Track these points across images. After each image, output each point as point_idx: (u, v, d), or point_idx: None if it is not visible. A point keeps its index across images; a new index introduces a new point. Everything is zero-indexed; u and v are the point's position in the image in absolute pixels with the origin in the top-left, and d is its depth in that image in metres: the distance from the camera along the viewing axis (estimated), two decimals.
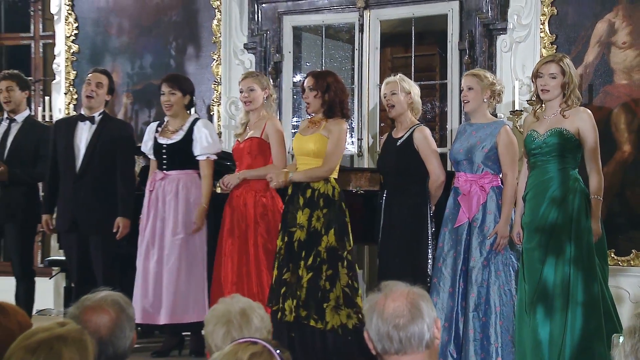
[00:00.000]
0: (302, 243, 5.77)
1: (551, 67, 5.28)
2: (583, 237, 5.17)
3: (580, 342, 5.06)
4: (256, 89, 6.27)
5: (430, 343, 2.66)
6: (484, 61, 6.97)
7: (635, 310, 6.04)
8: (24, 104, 6.91)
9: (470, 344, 5.40)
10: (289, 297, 5.74)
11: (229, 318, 3.10)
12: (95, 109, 6.48)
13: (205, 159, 6.34)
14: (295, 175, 5.88)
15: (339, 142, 5.90)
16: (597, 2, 6.74)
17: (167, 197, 6.30)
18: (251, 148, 6.22)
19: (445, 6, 7.23)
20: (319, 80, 5.93)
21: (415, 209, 5.78)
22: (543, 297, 5.16)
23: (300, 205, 5.83)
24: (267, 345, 2.54)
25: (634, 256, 6.56)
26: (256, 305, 3.21)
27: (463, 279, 5.51)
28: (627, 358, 2.39)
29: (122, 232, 6.30)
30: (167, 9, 8.31)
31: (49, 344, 2.51)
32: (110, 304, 3.11)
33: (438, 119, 8.11)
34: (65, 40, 8.66)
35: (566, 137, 5.20)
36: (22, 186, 6.67)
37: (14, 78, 6.86)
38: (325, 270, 5.71)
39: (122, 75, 8.46)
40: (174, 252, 6.22)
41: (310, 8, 7.73)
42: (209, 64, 8.08)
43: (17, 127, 6.78)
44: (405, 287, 2.72)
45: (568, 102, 5.26)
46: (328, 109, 5.91)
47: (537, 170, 5.29)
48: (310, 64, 7.94)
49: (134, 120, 8.35)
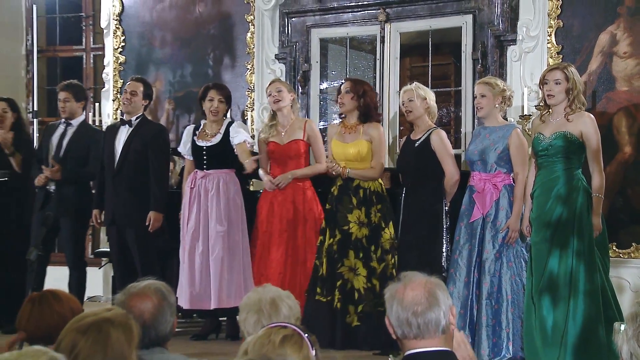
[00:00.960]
0: (368, 238, 5.91)
1: (556, 74, 5.28)
2: (585, 231, 5.17)
3: (582, 327, 5.07)
4: (284, 90, 6.35)
5: (446, 329, 2.66)
6: (496, 70, 6.94)
7: (636, 298, 5.99)
8: (80, 111, 6.93)
9: (483, 329, 5.39)
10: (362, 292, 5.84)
11: (259, 307, 3.11)
12: (132, 114, 6.52)
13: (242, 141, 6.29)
14: (352, 172, 6.01)
15: (382, 145, 6.10)
16: (600, 15, 6.70)
17: (209, 193, 6.32)
18: (297, 150, 6.27)
19: (460, 19, 7.21)
20: (356, 86, 6.10)
21: (431, 205, 5.78)
22: (549, 286, 5.16)
23: (355, 204, 5.95)
24: (296, 329, 2.56)
25: (634, 249, 6.53)
26: (285, 294, 3.21)
27: (477, 269, 5.50)
28: (629, 342, 2.39)
29: (154, 225, 6.31)
30: (206, 23, 8.34)
31: (98, 326, 2.53)
32: (153, 291, 3.13)
33: (453, 123, 8.08)
34: (114, 52, 8.70)
35: (570, 139, 5.19)
36: (74, 184, 6.70)
37: (71, 90, 6.87)
38: (390, 260, 5.86)
39: (164, 84, 8.50)
40: (218, 242, 6.24)
41: (336, 21, 7.73)
42: (243, 73, 8.09)
43: (72, 131, 6.80)
44: (423, 277, 2.73)
45: (572, 107, 5.25)
46: (363, 113, 6.05)
47: (544, 170, 5.29)
48: (335, 72, 7.94)
49: (175, 124, 8.39)
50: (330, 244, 5.95)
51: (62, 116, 6.86)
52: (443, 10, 7.29)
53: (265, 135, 6.42)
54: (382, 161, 6.07)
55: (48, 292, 3.14)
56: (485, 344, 5.38)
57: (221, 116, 6.44)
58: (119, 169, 6.41)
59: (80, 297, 6.54)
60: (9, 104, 7.01)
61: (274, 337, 2.49)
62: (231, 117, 6.93)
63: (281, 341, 2.48)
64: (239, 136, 6.31)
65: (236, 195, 6.33)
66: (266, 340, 2.50)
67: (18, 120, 7.03)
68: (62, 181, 6.62)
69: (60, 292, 3.13)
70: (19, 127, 7.01)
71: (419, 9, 7.38)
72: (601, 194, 5.22)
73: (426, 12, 7.35)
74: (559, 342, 5.07)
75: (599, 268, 5.16)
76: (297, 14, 7.83)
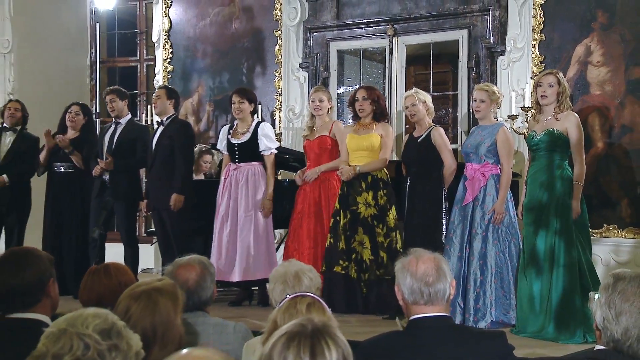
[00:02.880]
0: (375, 217, 5.90)
1: (549, 78, 5.28)
2: (565, 214, 5.16)
3: (561, 296, 5.06)
4: (325, 100, 6.34)
5: (449, 298, 2.70)
6: (487, 77, 6.91)
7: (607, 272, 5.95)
8: (126, 110, 6.86)
9: (470, 296, 5.37)
10: (369, 262, 5.85)
11: (285, 279, 3.11)
12: (163, 115, 6.54)
13: (269, 153, 6.34)
14: (362, 168, 5.98)
15: (390, 141, 6.10)
16: (577, 29, 6.66)
17: (239, 183, 6.31)
18: (320, 144, 6.26)
19: (457, 33, 7.17)
20: (371, 92, 6.13)
21: (432, 192, 5.76)
22: (535, 261, 5.16)
23: (363, 188, 5.95)
24: (314, 296, 2.57)
25: (605, 229, 6.51)
26: (307, 268, 3.20)
27: (468, 245, 5.47)
28: (602, 308, 2.38)
29: (175, 205, 6.27)
30: (241, 38, 8.33)
31: (148, 294, 2.52)
32: (196, 263, 3.17)
33: (451, 122, 8.04)
34: (163, 62, 8.71)
35: (556, 135, 5.18)
36: (124, 173, 6.67)
37: (114, 92, 6.86)
38: (394, 236, 5.86)
39: (205, 89, 8.49)
40: (246, 225, 6.23)
41: (351, 36, 7.70)
42: (272, 80, 8.07)
43: (121, 128, 6.78)
44: (431, 253, 2.77)
45: (560, 108, 5.26)
46: (378, 114, 6.09)
47: (535, 162, 5.30)
48: (350, 79, 7.91)
49: (215, 123, 8.39)
50: (345, 223, 5.94)
51: (112, 115, 6.85)
52: (442, 26, 7.26)
53: (304, 134, 6.48)
54: (388, 153, 6.07)
55: (102, 267, 3.14)
56: (472, 309, 5.35)
57: (245, 115, 6.40)
58: (153, 162, 6.44)
59: (135, 270, 6.56)
60: (81, 108, 6.98)
61: (300, 306, 2.50)
62: (260, 117, 6.89)
63: (307, 308, 2.50)
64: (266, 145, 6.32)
65: (262, 184, 6.31)
66: (293, 309, 2.50)
67: (88, 123, 7.01)
68: (114, 171, 6.62)
69: (112, 267, 3.12)
70: (87, 129, 6.98)
71: (422, 25, 7.35)
72: (581, 181, 5.19)
73: (428, 27, 7.33)
74: (544, 309, 5.07)
75: (576, 245, 5.13)
76: (318, 30, 7.81)
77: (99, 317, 1.82)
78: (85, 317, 1.80)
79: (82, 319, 1.79)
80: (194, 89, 8.57)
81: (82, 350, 1.74)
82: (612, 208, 6.49)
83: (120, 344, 1.77)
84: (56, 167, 6.84)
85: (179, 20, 8.66)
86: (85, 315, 1.81)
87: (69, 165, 6.80)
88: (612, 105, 6.50)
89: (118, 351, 1.76)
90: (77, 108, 6.93)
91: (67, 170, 6.81)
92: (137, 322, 2.42)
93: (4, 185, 6.99)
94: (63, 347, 1.75)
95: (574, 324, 4.98)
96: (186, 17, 8.63)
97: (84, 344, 1.75)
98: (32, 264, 2.73)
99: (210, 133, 8.38)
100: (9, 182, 7.00)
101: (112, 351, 1.76)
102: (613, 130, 6.49)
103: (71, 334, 1.76)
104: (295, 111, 7.80)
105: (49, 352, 1.75)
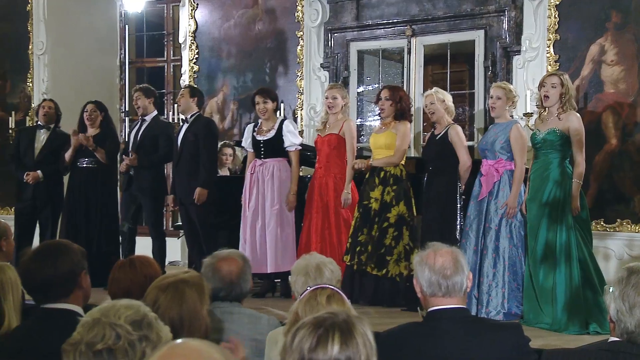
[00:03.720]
0: (376, 212, 5.85)
1: (553, 79, 5.24)
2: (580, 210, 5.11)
3: (573, 288, 5.02)
4: (338, 97, 6.27)
5: (466, 290, 2.69)
6: (503, 76, 6.87)
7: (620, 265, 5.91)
8: (151, 107, 6.85)
9: (484, 288, 5.35)
10: (363, 252, 5.81)
11: (307, 271, 3.11)
12: (186, 112, 6.51)
13: (293, 150, 6.34)
14: (375, 161, 5.97)
15: (405, 137, 5.97)
16: (591, 29, 6.60)
17: (265, 178, 6.30)
18: (330, 142, 6.22)
19: (474, 34, 7.13)
20: (394, 93, 6.01)
21: (448, 187, 5.73)
22: (546, 255, 5.12)
23: (376, 184, 5.91)
24: (334, 288, 2.57)
25: (618, 224, 6.45)
26: (328, 261, 3.21)
27: (483, 239, 5.45)
28: (616, 301, 2.38)
29: (199, 199, 6.26)
30: (264, 38, 8.33)
31: (176, 285, 2.54)
32: (237, 256, 3.19)
33: (467, 120, 8.00)
34: (189, 62, 8.73)
35: (559, 135, 5.16)
36: (148, 169, 6.68)
37: (140, 90, 6.88)
38: (392, 232, 5.77)
39: (230, 88, 8.51)
40: (272, 218, 6.23)
41: (371, 36, 7.68)
42: (294, 79, 8.07)
43: (145, 125, 6.79)
44: (448, 247, 2.76)
45: (564, 108, 5.21)
46: (399, 114, 5.98)
47: (539, 160, 5.27)
48: (370, 78, 7.90)
49: (239, 121, 8.41)
50: (357, 217, 5.96)
51: (139, 113, 6.87)
52: (459, 26, 7.23)
53: (317, 128, 6.48)
54: (402, 150, 5.93)
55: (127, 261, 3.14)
56: (484, 301, 5.33)
57: (270, 114, 6.38)
58: (179, 159, 6.43)
59: (162, 262, 6.58)
60: (97, 105, 6.94)
61: (320, 298, 2.50)
62: (283, 115, 6.89)
63: (327, 299, 2.49)
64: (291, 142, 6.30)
65: (287, 179, 6.31)
66: (314, 301, 2.50)
67: (105, 119, 6.99)
68: (138, 167, 6.64)
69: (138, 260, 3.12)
70: (106, 124, 6.97)
71: (440, 26, 7.32)
72: (580, 180, 5.14)
73: (446, 28, 7.29)
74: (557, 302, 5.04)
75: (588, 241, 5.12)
76: (338, 30, 7.80)
77: (132, 308, 1.84)
78: (118, 308, 1.83)
79: (115, 309, 1.82)
80: (218, 88, 8.59)
81: (113, 339, 1.77)
82: (625, 203, 6.43)
83: (150, 335, 1.79)
84: (79, 163, 6.83)
85: (204, 22, 8.68)
86: (118, 307, 1.84)
87: (91, 160, 6.79)
88: (625, 103, 6.44)
89: (148, 341, 1.78)
90: (93, 106, 6.90)
91: (90, 165, 6.82)
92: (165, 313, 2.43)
93: (39, 181, 7.06)
94: (96, 336, 1.77)
95: (587, 316, 4.95)
96: (211, 19, 8.65)
97: (115, 333, 1.77)
98: (66, 256, 2.75)
99: (234, 130, 8.41)
100: (43, 178, 7.06)
101: (143, 341, 1.78)
102: (626, 127, 6.44)
103: (104, 323, 1.79)
104: (317, 109, 7.80)
105: (82, 340, 1.78)
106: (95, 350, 1.75)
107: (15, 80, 9.32)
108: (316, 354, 1.69)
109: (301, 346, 1.71)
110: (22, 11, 9.23)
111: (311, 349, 1.70)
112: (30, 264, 2.74)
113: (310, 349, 1.70)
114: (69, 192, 6.86)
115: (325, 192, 6.18)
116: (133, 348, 1.77)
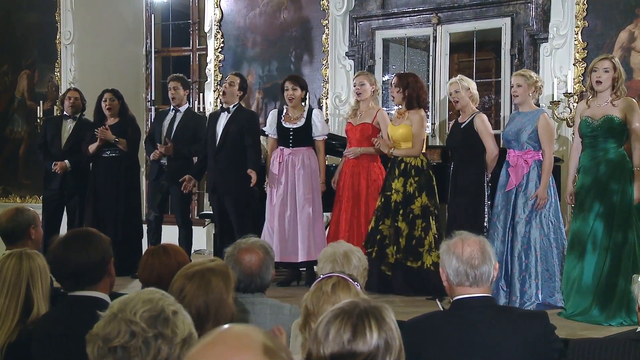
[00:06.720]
0: (398, 203, 5.83)
1: (605, 63, 5.06)
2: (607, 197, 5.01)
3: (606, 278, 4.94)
4: (366, 83, 6.26)
5: (492, 280, 2.69)
6: (530, 64, 6.80)
7: None
8: (185, 99, 6.96)
9: (516, 279, 5.31)
10: (389, 244, 5.78)
11: (334, 258, 3.10)
12: (230, 102, 6.48)
13: (321, 139, 6.35)
14: (395, 151, 5.96)
15: (420, 127, 5.95)
16: (620, 16, 6.50)
17: (295, 167, 6.30)
18: (362, 131, 6.21)
19: (500, 21, 7.06)
20: (402, 80, 6.00)
21: (475, 176, 5.70)
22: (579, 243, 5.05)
23: (396, 175, 5.89)
24: (340, 275, 2.55)
25: None
26: (356, 249, 3.20)
27: (511, 230, 5.41)
28: None
29: (254, 180, 6.24)
30: (289, 27, 8.32)
31: (202, 274, 2.55)
32: (259, 247, 3.17)
33: (493, 108, 7.94)
34: (215, 51, 8.75)
35: (616, 122, 4.99)
36: (182, 159, 6.76)
37: (179, 80, 6.92)
38: (420, 224, 5.76)
39: (255, 77, 8.52)
40: (305, 206, 6.24)
41: (396, 24, 7.64)
42: (320, 68, 8.05)
43: (181, 116, 6.85)
44: (476, 236, 2.74)
45: (617, 94, 5.03)
46: (408, 102, 5.92)
47: (591, 149, 5.08)
48: (395, 67, 7.86)
49: (264, 110, 8.41)
50: (378, 206, 5.95)
51: (173, 103, 6.90)
52: (486, 14, 7.17)
53: (347, 116, 6.47)
54: (419, 141, 5.93)
55: (160, 247, 3.17)
56: (517, 292, 5.29)
57: (297, 102, 6.38)
58: (220, 148, 6.41)
59: (188, 251, 6.61)
60: (113, 94, 6.95)
61: (325, 288, 2.49)
62: (309, 104, 6.87)
63: (332, 289, 2.48)
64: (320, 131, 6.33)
65: (316, 168, 6.33)
66: (320, 292, 2.48)
67: (122, 106, 7.01)
68: (173, 157, 6.69)
69: (170, 248, 3.15)
70: (123, 112, 7.00)
71: (466, 13, 7.26)
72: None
73: (472, 15, 7.23)
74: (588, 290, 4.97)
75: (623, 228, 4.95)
76: (363, 19, 7.77)
77: (150, 302, 1.83)
78: (136, 303, 1.82)
79: (132, 304, 1.82)
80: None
81: (127, 337, 1.77)
82: None
83: (165, 332, 1.79)
84: (103, 153, 6.87)
85: (229, 11, 8.69)
86: (136, 301, 1.83)
87: (114, 149, 6.86)
88: None
89: (163, 338, 1.78)
90: (110, 94, 6.93)
91: (113, 154, 6.86)
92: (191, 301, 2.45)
93: (66, 170, 7.13)
94: (111, 332, 1.78)
95: (617, 305, 4.87)
96: (237, 8, 8.65)
97: (130, 331, 1.78)
98: (96, 243, 2.77)
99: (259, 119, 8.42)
100: (70, 167, 7.14)
101: (158, 339, 1.78)
102: None
103: (120, 320, 1.79)
104: (342, 98, 7.79)
105: (99, 335, 1.79)
106: (110, 347, 1.77)
107: (43, 69, 9.41)
108: (356, 344, 1.71)
109: (340, 338, 1.71)
110: (49, 1, 9.30)
111: (350, 339, 1.71)
112: (61, 252, 2.76)
113: (349, 339, 1.71)
114: (94, 181, 6.92)
115: (357, 181, 6.18)
116: (147, 346, 1.77)
